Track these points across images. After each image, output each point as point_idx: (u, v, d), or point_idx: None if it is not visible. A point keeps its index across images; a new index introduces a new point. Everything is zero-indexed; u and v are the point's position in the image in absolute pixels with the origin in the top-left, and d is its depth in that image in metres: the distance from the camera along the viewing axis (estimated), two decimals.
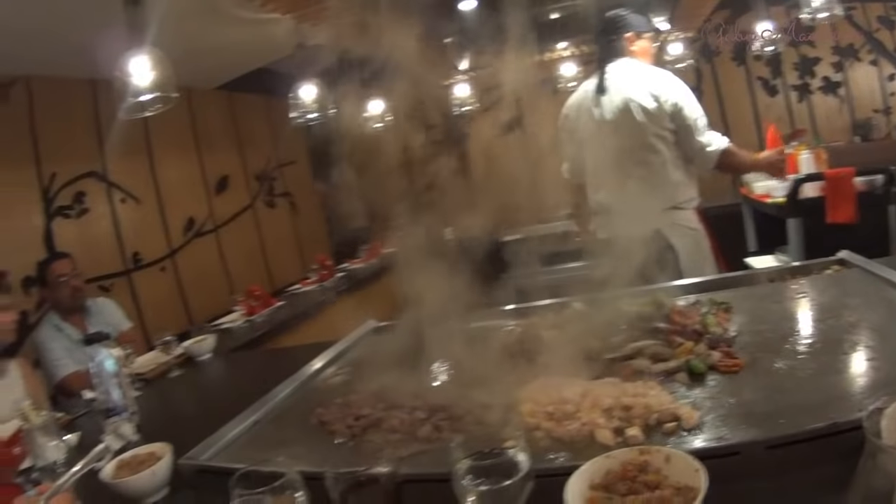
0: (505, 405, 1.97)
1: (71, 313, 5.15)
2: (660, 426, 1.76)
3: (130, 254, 7.55)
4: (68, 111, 7.15)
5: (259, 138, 9.71)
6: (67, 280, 5.12)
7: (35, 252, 6.38)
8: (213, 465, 2.20)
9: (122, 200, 7.59)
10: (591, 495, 1.35)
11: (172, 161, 8.35)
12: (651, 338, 2.36)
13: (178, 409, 1.87)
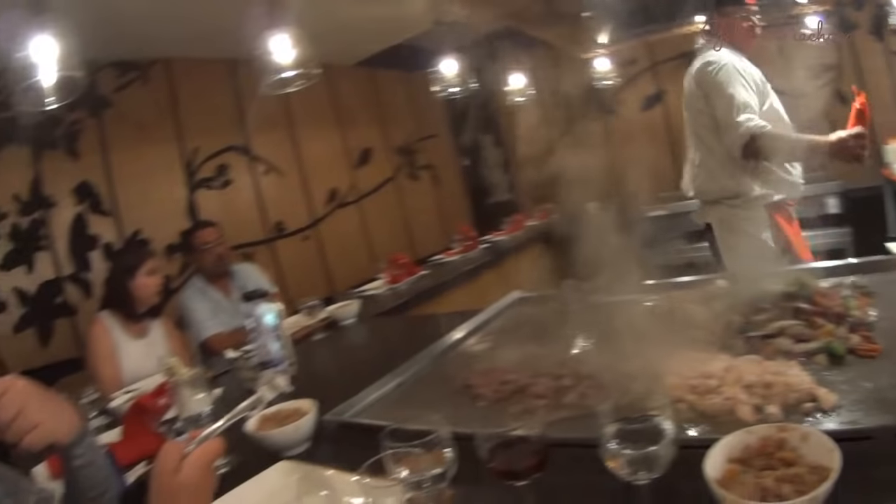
0: (649, 377, 1.95)
1: (216, 278, 5.36)
2: (798, 406, 1.72)
3: (273, 223, 7.81)
4: (208, 89, 7.44)
5: (400, 113, 9.75)
6: (213, 247, 5.30)
7: (178, 222, 6.80)
8: (359, 421, 2.28)
9: (264, 173, 7.86)
10: (729, 468, 1.35)
11: (314, 135, 8.53)
12: (793, 318, 2.29)
13: (320, 369, 1.94)
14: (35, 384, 1.52)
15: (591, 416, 1.64)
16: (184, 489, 1.37)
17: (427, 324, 4.15)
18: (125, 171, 6.73)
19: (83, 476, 1.62)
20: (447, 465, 1.48)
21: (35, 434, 1.45)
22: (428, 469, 1.39)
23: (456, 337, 3.15)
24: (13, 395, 1.44)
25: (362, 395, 2.51)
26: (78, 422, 1.60)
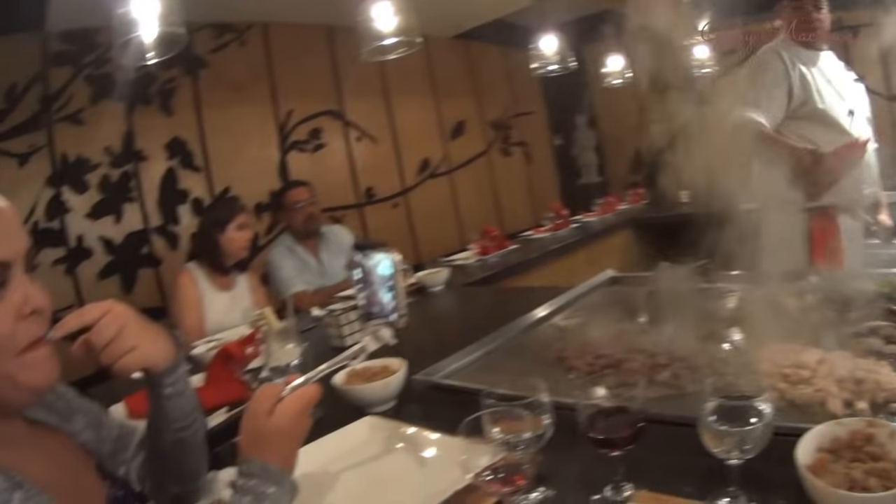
0: (744, 363, 1.95)
1: (305, 237, 5.39)
2: (886, 404, 1.69)
3: (364, 188, 7.91)
4: (304, 54, 7.52)
5: (495, 87, 9.73)
6: (303, 206, 5.32)
7: (269, 182, 6.97)
8: (451, 383, 2.28)
9: (357, 139, 7.94)
10: (819, 456, 1.36)
11: (409, 105, 8.57)
12: (886, 319, 2.24)
13: (408, 331, 1.92)
14: (133, 310, 1.52)
15: (683, 396, 1.83)
16: (276, 432, 1.42)
17: (516, 296, 4.11)
18: (218, 129, 6.86)
19: (171, 406, 1.63)
20: (545, 429, 1.47)
21: (131, 357, 1.46)
22: (524, 431, 1.38)
23: (546, 311, 3.12)
24: (113, 317, 1.45)
25: (451, 359, 2.51)
26: (173, 351, 1.60)
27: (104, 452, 1.68)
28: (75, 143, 5.97)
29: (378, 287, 1.73)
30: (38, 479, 1.26)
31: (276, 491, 1.37)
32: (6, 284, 1.26)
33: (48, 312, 1.32)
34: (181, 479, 1.77)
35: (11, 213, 1.31)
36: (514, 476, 1.32)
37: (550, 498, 1.50)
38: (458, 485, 1.50)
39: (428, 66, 8.78)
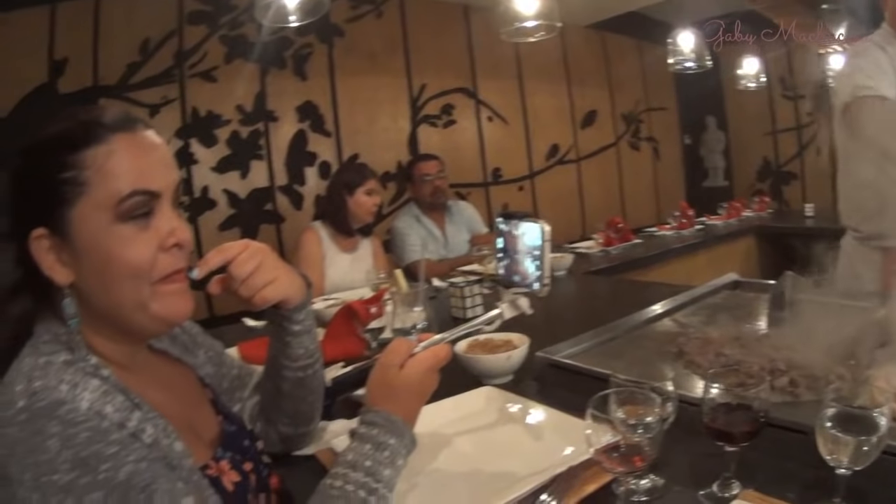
0: (859, 379, 1.86)
1: (432, 209, 5.46)
2: None
3: (491, 168, 7.97)
4: (440, 30, 7.61)
5: (628, 80, 9.64)
6: (432, 179, 5.39)
7: (398, 152, 7.14)
8: (575, 364, 2.25)
9: (489, 119, 7.98)
10: None
11: (542, 90, 8.55)
12: None
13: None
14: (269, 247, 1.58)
15: (797, 404, 1.82)
16: (404, 385, 1.44)
17: (637, 289, 4.10)
18: (350, 97, 7.00)
19: (297, 343, 1.69)
20: (668, 415, 1.51)
21: (270, 288, 1.52)
22: (647, 416, 1.34)
23: (667, 307, 3.08)
24: (252, 252, 1.51)
25: (571, 342, 2.49)
26: (305, 288, 1.67)
27: (221, 388, 1.78)
28: (207, 98, 6.17)
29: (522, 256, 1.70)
30: (155, 404, 1.28)
31: (396, 443, 1.38)
32: (153, 214, 1.29)
33: (189, 248, 1.36)
34: (295, 419, 1.82)
35: (164, 148, 1.36)
36: (634, 456, 1.30)
37: (660, 487, 1.50)
38: (577, 459, 1.51)
39: (563, 53, 8.74)
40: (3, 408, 1.13)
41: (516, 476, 1.53)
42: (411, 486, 1.55)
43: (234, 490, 1.42)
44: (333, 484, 1.32)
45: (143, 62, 6.04)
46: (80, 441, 1.08)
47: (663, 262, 5.49)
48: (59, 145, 1.27)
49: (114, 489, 1.06)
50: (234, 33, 6.37)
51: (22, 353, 1.24)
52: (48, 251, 1.26)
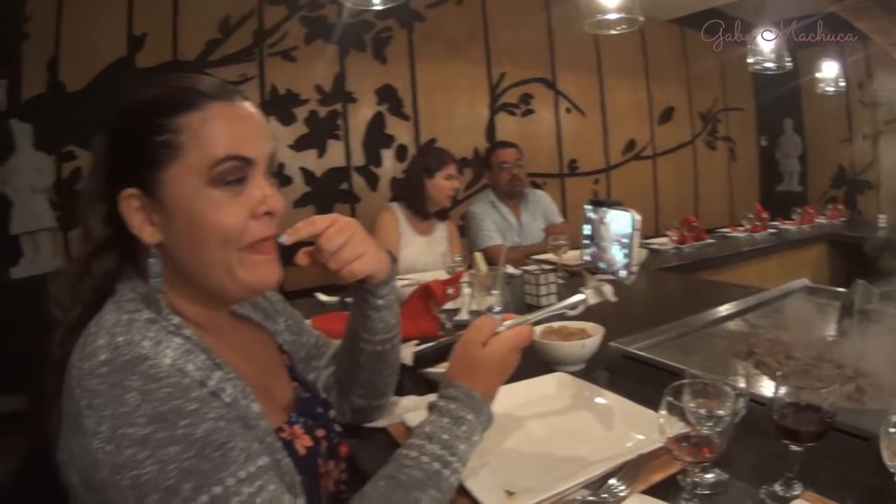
0: None
1: (508, 196, 5.47)
2: None
3: (567, 160, 8.04)
4: (520, 19, 7.61)
5: (707, 78, 9.59)
6: (510, 167, 5.39)
7: (475, 139, 7.26)
8: (646, 355, 2.26)
9: (567, 110, 8.05)
10: None
11: (620, 84, 8.57)
12: None
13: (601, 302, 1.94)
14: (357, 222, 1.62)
15: (862, 411, 1.78)
16: (485, 362, 1.47)
17: (709, 288, 4.10)
18: (429, 82, 7.11)
19: (378, 317, 1.73)
20: (739, 410, 1.52)
21: (359, 263, 1.56)
22: (718, 409, 1.36)
23: (738, 307, 3.07)
24: (341, 227, 1.55)
25: (642, 334, 2.50)
26: (390, 264, 1.71)
27: (298, 356, 1.84)
28: (286, 77, 6.32)
29: (609, 243, 1.72)
30: (234, 366, 1.33)
31: (474, 418, 1.41)
32: (246, 181, 1.34)
33: (279, 217, 1.39)
34: (369, 391, 1.86)
35: (259, 118, 1.40)
36: (704, 447, 1.32)
37: (724, 481, 1.50)
38: (646, 447, 1.53)
39: (642, 47, 8.74)
40: (84, 359, 1.17)
41: (586, 460, 1.55)
42: (483, 463, 1.57)
43: (306, 454, 1.46)
44: (409, 454, 1.34)
45: (222, 40, 6.19)
46: (160, 396, 1.12)
47: (735, 264, 5.46)
48: (155, 109, 1.31)
49: (191, 444, 1.10)
50: (313, 14, 6.50)
51: (104, 309, 1.29)
52: (138, 210, 1.31)
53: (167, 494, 1.06)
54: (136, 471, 1.06)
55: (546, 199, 5.79)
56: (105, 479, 1.07)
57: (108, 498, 1.08)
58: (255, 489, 1.12)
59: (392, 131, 6.94)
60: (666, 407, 1.35)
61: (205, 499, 1.07)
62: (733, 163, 10.00)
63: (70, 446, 1.14)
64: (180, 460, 1.08)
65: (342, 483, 1.63)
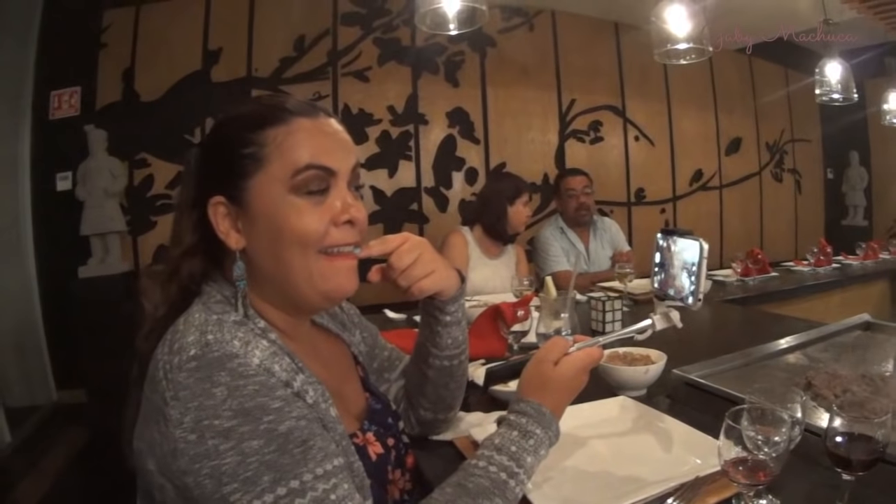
0: None
1: (576, 224, 5.49)
2: None
3: (635, 189, 8.06)
4: (590, 46, 7.71)
5: (774, 108, 9.51)
6: (578, 195, 5.42)
7: (544, 164, 7.32)
8: (708, 384, 2.29)
9: (635, 138, 8.08)
10: None
11: (689, 113, 8.55)
12: None
13: (667, 330, 1.95)
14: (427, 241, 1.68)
15: None
16: (555, 380, 1.52)
17: (771, 321, 4.04)
18: (500, 107, 7.18)
19: (446, 333, 1.78)
20: (795, 437, 1.52)
21: (428, 280, 1.62)
22: (774, 435, 1.40)
23: (798, 340, 3.04)
24: (412, 245, 1.60)
25: (704, 363, 2.53)
26: (459, 281, 1.76)
27: (372, 368, 1.93)
28: (359, 97, 6.47)
29: (678, 271, 1.77)
30: (314, 372, 1.39)
31: (542, 433, 1.45)
32: (328, 191, 1.40)
33: (360, 227, 1.45)
34: (436, 405, 1.91)
35: (343, 133, 1.48)
36: (759, 471, 1.35)
37: None
38: (703, 471, 1.56)
39: (710, 76, 8.74)
40: (173, 354, 1.23)
41: (645, 481, 1.59)
42: (545, 478, 1.63)
43: (377, 461, 1.54)
44: (478, 464, 1.39)
45: (296, 58, 6.34)
46: (247, 392, 1.18)
47: (798, 298, 5.42)
48: (244, 124, 1.41)
49: (273, 439, 1.16)
50: (387, 36, 6.63)
51: (192, 308, 1.37)
52: (224, 217, 1.40)
53: (245, 485, 1.12)
54: (217, 461, 1.12)
55: (614, 227, 5.79)
56: (184, 467, 1.14)
57: (185, 485, 1.14)
58: (329, 486, 1.17)
59: (462, 154, 7.03)
60: (725, 430, 1.38)
61: (282, 491, 1.13)
62: (799, 195, 9.90)
63: (150, 434, 1.20)
64: (261, 454, 1.14)
65: (406, 493, 1.67)
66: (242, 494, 1.11)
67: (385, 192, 6.74)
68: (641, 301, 4.10)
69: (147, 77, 6.34)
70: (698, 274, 1.68)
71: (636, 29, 6.56)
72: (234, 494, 1.11)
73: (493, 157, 7.24)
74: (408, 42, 6.93)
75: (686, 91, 8.52)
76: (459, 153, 7.11)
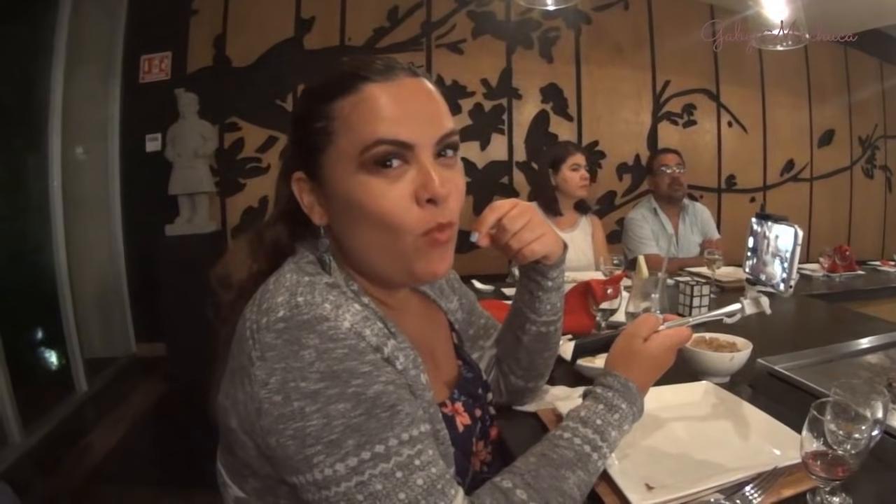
0: None
1: (669, 203, 5.48)
2: None
3: (726, 175, 8.03)
4: (685, 28, 7.64)
5: (869, 101, 9.28)
6: (671, 171, 5.41)
7: (636, 145, 7.36)
8: (793, 376, 2.30)
9: (728, 124, 8.02)
10: None
11: (782, 101, 8.44)
12: None
13: (749, 319, 1.95)
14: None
15: None
16: (644, 356, 1.55)
17: (856, 319, 3.96)
18: (595, 85, 7.23)
19: (546, 298, 1.80)
20: (876, 436, 1.48)
21: (538, 243, 1.65)
22: (855, 432, 1.40)
23: (883, 340, 2.99)
24: (522, 210, 1.63)
25: (790, 355, 2.52)
26: (563, 247, 1.79)
27: (467, 335, 1.95)
28: (453, 69, 6.54)
29: (770, 257, 1.74)
30: (407, 338, 1.38)
31: (627, 408, 1.48)
32: (408, 166, 1.31)
33: (451, 203, 1.36)
34: (528, 372, 1.95)
35: (427, 96, 1.37)
36: (838, 467, 1.37)
37: None
38: (783, 462, 1.55)
39: (805, 65, 8.60)
40: (261, 314, 1.23)
41: (723, 467, 1.60)
42: (623, 454, 1.65)
43: (463, 431, 1.55)
44: (563, 435, 1.41)
45: (390, 28, 6.39)
46: (336, 356, 1.17)
47: (883, 299, 5.34)
48: (315, 95, 1.37)
49: (360, 403, 1.16)
50: (481, 9, 6.67)
51: (283, 268, 1.37)
52: (307, 193, 1.40)
53: (329, 447, 1.12)
54: (302, 422, 1.13)
55: (706, 213, 5.75)
56: (267, 427, 1.15)
57: (268, 444, 1.16)
58: (414, 452, 1.17)
59: (555, 130, 7.06)
60: (809, 421, 1.40)
61: (366, 455, 1.13)
62: (889, 193, 9.65)
63: (234, 392, 1.22)
64: (348, 417, 1.14)
65: (486, 464, 1.70)
66: (326, 457, 1.13)
67: (476, 164, 6.79)
68: (728, 289, 4.09)
69: (238, 43, 6.51)
70: (791, 261, 1.67)
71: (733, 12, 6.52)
72: (317, 456, 1.13)
73: (585, 134, 7.25)
74: (502, 16, 6.93)
75: (780, 79, 8.40)
76: (552, 129, 7.12)
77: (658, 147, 7.34)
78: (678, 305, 3.45)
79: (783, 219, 1.72)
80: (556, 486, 1.30)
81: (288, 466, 1.16)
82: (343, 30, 6.52)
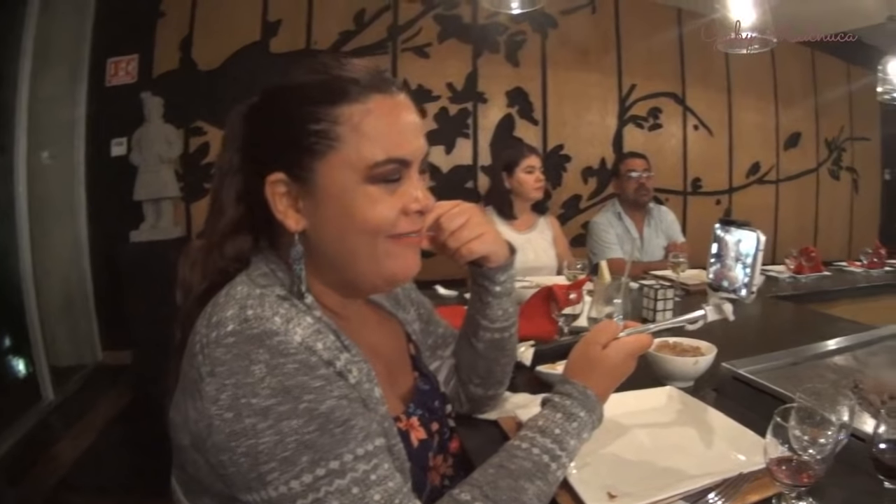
0: None
1: (634, 208, 5.45)
2: None
3: (691, 178, 8.08)
4: (652, 32, 7.72)
5: (835, 104, 9.37)
6: (638, 176, 5.38)
7: (602, 149, 7.40)
8: (758, 380, 2.26)
9: (694, 127, 8.09)
10: None
11: (749, 104, 8.51)
12: None
13: (712, 323, 1.96)
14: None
15: None
16: (603, 364, 1.52)
17: (821, 320, 4.02)
18: (561, 89, 7.26)
19: (496, 304, 1.78)
20: (841, 441, 1.49)
21: (477, 242, 1.64)
22: (820, 437, 1.39)
23: (848, 342, 2.99)
24: (462, 209, 1.63)
25: (754, 359, 2.49)
26: (509, 250, 1.77)
27: (426, 345, 1.92)
28: (419, 72, 6.58)
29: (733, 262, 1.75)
30: (361, 351, 1.37)
31: (586, 416, 1.45)
32: (401, 180, 1.36)
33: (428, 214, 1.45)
34: (486, 381, 1.92)
35: (415, 113, 1.42)
36: (803, 473, 1.36)
37: None
38: (747, 468, 1.55)
39: (771, 67, 8.67)
40: (211, 328, 1.21)
41: (687, 473, 1.59)
42: (584, 463, 1.63)
43: (418, 446, 1.52)
44: (521, 445, 1.38)
45: (356, 32, 6.42)
46: (287, 371, 1.16)
47: (849, 299, 5.37)
48: (312, 96, 1.32)
49: (313, 418, 1.14)
50: (448, 13, 6.66)
51: (235, 280, 1.34)
52: (283, 196, 1.34)
53: (283, 465, 1.11)
54: (254, 440, 1.11)
55: (670, 216, 5.74)
56: (219, 444, 1.13)
57: (220, 462, 1.14)
58: (370, 467, 1.16)
59: (521, 134, 7.05)
60: (773, 428, 1.39)
61: (321, 472, 1.12)
62: (855, 195, 9.76)
63: (185, 408, 1.19)
64: (301, 433, 1.12)
65: (447, 478, 1.67)
66: (280, 474, 1.11)
67: (441, 168, 6.81)
68: (693, 292, 4.09)
69: (205, 46, 6.46)
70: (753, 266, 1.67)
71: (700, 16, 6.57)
72: (271, 474, 1.11)
73: (550, 138, 7.28)
74: (469, 20, 6.95)
75: (747, 82, 8.46)
76: (518, 133, 7.14)
77: (624, 150, 7.34)
78: (642, 309, 3.45)
79: (746, 224, 1.73)
80: (515, 497, 1.29)
81: (241, 485, 1.14)
82: (309, 33, 6.50)
